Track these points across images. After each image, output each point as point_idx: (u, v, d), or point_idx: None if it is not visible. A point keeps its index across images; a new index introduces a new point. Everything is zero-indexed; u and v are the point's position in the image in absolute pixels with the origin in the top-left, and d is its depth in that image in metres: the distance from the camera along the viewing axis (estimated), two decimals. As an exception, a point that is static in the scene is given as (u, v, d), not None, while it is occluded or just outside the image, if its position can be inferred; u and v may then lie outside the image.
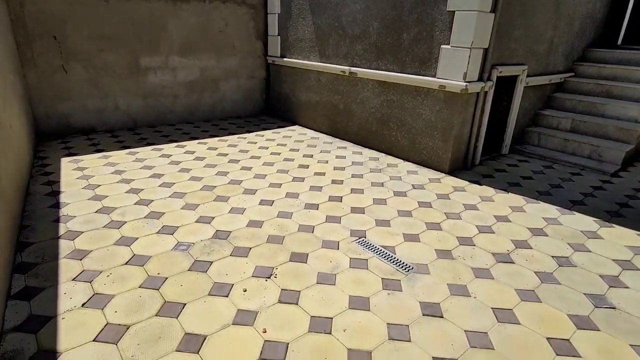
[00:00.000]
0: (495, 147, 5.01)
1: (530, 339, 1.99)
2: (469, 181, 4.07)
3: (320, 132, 5.80)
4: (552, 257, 2.74)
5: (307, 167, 4.36)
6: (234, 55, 6.21)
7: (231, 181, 3.87)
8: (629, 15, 6.09)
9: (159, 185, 3.69)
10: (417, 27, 4.19)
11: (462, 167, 4.43)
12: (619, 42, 6.15)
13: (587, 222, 3.24)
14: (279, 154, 4.78)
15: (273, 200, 3.47)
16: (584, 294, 2.35)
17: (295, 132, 5.78)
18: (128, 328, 1.96)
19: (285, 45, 6.11)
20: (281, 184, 3.86)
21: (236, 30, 6.11)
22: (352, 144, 5.28)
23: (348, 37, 5.01)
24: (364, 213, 3.31)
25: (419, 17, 4.15)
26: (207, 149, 4.85)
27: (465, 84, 3.85)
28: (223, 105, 6.37)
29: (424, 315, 2.13)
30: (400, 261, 2.63)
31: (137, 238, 2.78)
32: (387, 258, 2.66)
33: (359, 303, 2.21)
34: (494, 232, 3.05)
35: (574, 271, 2.57)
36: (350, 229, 3.04)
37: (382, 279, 2.44)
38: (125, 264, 2.48)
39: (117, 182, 3.71)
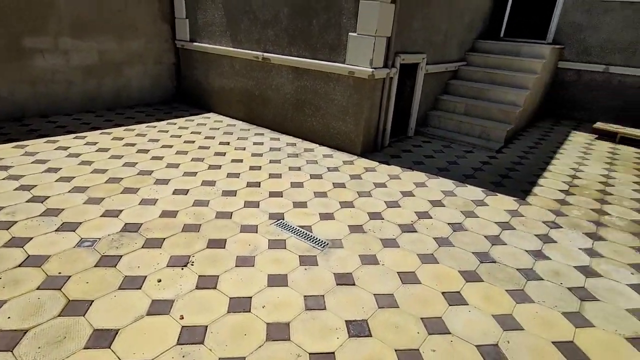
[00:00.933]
0: (402, 130, 5.42)
1: (429, 294, 2.26)
2: (379, 162, 4.37)
3: (237, 119, 5.71)
4: (448, 224, 3.10)
5: (223, 154, 4.29)
6: (137, 38, 5.77)
7: (140, 172, 3.66)
8: (509, 10, 6.95)
9: (56, 181, 3.35)
10: (326, 13, 4.32)
11: (373, 149, 4.73)
12: (502, 34, 7.00)
13: (476, 193, 3.72)
14: (193, 142, 4.62)
15: (188, 190, 3.38)
16: (472, 252, 2.72)
17: (211, 120, 5.61)
18: (25, 332, 1.80)
19: (194, 29, 5.85)
20: (196, 172, 3.76)
21: (138, 10, 5.67)
22: (269, 130, 5.30)
23: (259, 22, 4.97)
24: (282, 197, 3.39)
25: (328, 4, 4.28)
26: (112, 139, 4.49)
27: (372, 70, 4.10)
28: (129, 92, 5.91)
29: (337, 284, 2.29)
30: (317, 238, 2.77)
31: (32, 238, 2.51)
32: (304, 237, 2.78)
33: (278, 280, 2.29)
34: (400, 206, 3.35)
35: (465, 234, 2.95)
36: (268, 212, 3.10)
37: (299, 256, 2.55)
38: (19, 266, 2.24)
39: (2, 180, 3.29)
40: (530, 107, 6.06)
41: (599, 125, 5.91)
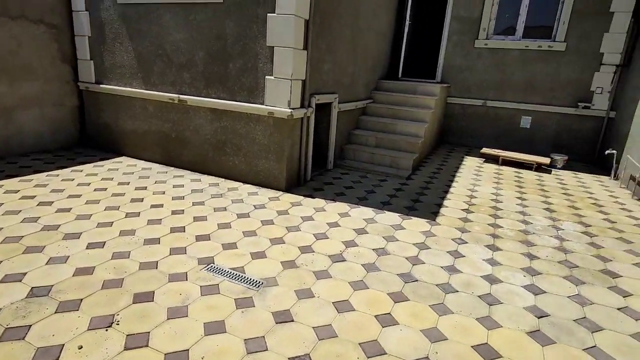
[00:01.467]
0: (322, 164, 5.71)
1: (363, 319, 2.40)
2: (304, 196, 4.54)
3: (153, 162, 5.47)
4: (373, 249, 3.34)
5: (141, 200, 4.08)
6: (33, 80, 5.30)
7: (45, 227, 3.30)
8: (403, 55, 7.89)
9: None
10: (242, 58, 4.49)
11: (296, 183, 4.90)
12: (400, 75, 7.89)
13: (394, 218, 4.06)
14: (105, 189, 4.31)
15: (104, 242, 3.14)
16: (397, 274, 2.96)
17: (123, 164, 5.29)
18: None
19: (101, 71, 5.57)
20: (112, 222, 3.51)
21: (34, 51, 5.24)
22: (189, 171, 5.17)
23: (174, 65, 4.95)
24: (210, 240, 3.32)
25: (243, 49, 4.46)
26: (5, 192, 3.98)
27: (290, 110, 4.33)
28: (22, 138, 5.32)
29: (277, 323, 2.32)
30: (251, 279, 2.77)
31: None
32: (238, 278, 2.76)
33: (215, 327, 2.24)
34: (328, 237, 3.51)
35: (389, 258, 3.21)
36: (197, 257, 3.01)
37: (234, 299, 2.52)
38: None
39: None
40: (429, 137, 6.85)
41: (485, 150, 6.90)
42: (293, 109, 4.38)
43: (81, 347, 2.02)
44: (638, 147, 5.51)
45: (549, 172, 6.43)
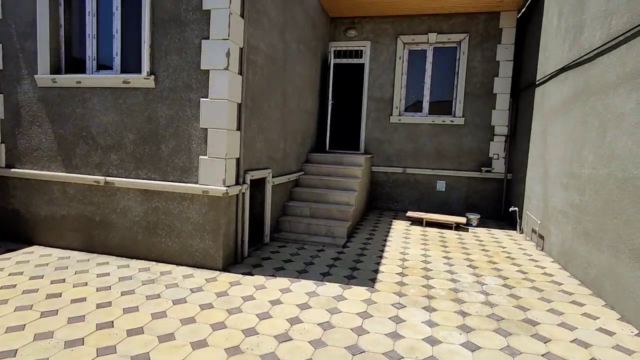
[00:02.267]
0: (258, 238, 5.69)
1: (316, 402, 2.34)
2: (243, 274, 4.44)
3: (72, 249, 5.00)
4: (318, 324, 3.33)
5: (59, 295, 3.66)
6: None
7: None
8: (330, 130, 8.55)
9: None
10: (175, 140, 4.55)
11: (234, 261, 4.80)
12: (327, 148, 8.46)
13: (335, 289, 4.13)
14: (14, 286, 3.81)
15: (16, 350, 2.73)
16: (344, 347, 2.97)
17: (35, 255, 4.75)
18: None
19: (13, 155, 5.17)
20: (25, 324, 3.08)
21: None
22: (116, 257, 4.80)
23: (100, 147, 4.82)
24: (143, 333, 3.06)
25: (176, 131, 4.54)
26: None
27: (225, 188, 4.38)
28: None
29: (226, 420, 2.16)
30: (193, 373, 2.58)
31: None
32: (179, 374, 2.56)
33: None
34: (271, 316, 3.44)
35: (335, 331, 3.22)
36: (130, 356, 2.74)
37: (177, 399, 2.31)
38: None
39: None
40: (360, 205, 7.27)
41: (410, 214, 7.47)
42: (228, 186, 4.45)
43: None
44: (533, 204, 6.43)
45: (467, 230, 7.11)
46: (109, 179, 4.77)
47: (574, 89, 5.08)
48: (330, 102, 8.36)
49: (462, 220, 7.15)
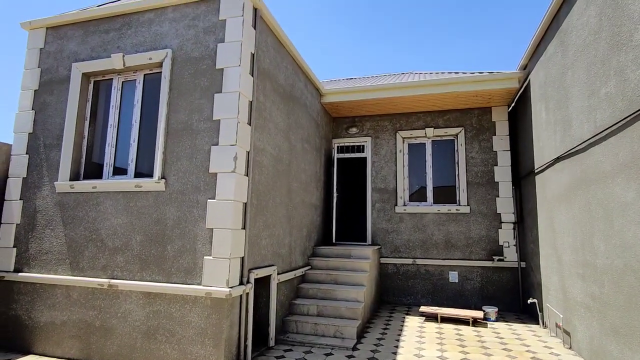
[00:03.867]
0: (263, 341, 5.38)
1: None
2: (244, 385, 4.11)
3: (67, 358, 4.75)
4: None
5: (45, 416, 3.38)
6: None
7: None
8: (335, 222, 8.60)
9: None
10: (181, 240, 4.61)
11: (236, 370, 4.48)
12: (334, 240, 8.42)
13: (344, 401, 3.76)
14: (-1, 406, 3.55)
15: None
16: None
17: (28, 367, 4.51)
18: None
19: (23, 258, 5.25)
20: None
21: (-54, 243, 4.90)
22: (110, 367, 4.53)
23: (108, 249, 4.88)
24: None
25: (182, 232, 4.62)
26: None
27: (228, 289, 4.29)
28: None
29: None
30: None
31: None
32: None
33: None
34: None
35: None
36: None
37: None
38: None
39: None
40: (369, 300, 6.96)
41: (423, 309, 7.09)
42: (231, 287, 4.36)
43: None
44: (553, 295, 6.10)
45: (485, 325, 6.65)
46: (112, 281, 4.74)
47: (573, 177, 5.17)
48: (335, 195, 8.56)
49: (480, 314, 6.73)
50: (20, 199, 5.39)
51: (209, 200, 4.56)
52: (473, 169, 8.32)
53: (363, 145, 9.15)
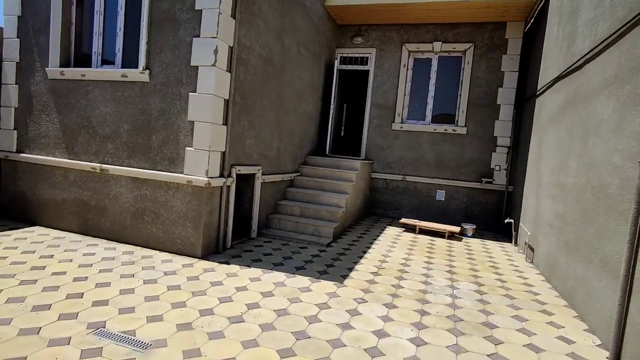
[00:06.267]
0: (246, 232, 5.85)
1: (245, 375, 2.43)
2: (219, 262, 4.60)
3: (68, 231, 5.32)
4: (274, 310, 3.42)
5: (43, 268, 3.92)
6: (-55, 147, 5.19)
7: None
8: (331, 135, 8.67)
9: None
10: (165, 131, 4.80)
11: (214, 251, 4.96)
12: (327, 152, 8.57)
13: (304, 281, 4.21)
14: (5, 258, 4.10)
15: (-15, 309, 2.97)
16: (291, 332, 3.05)
17: (34, 234, 5.09)
18: None
19: (24, 141, 5.59)
20: (1, 290, 3.34)
21: (-49, 120, 5.22)
22: (105, 240, 5.08)
23: (99, 136, 5.14)
24: (107, 305, 3.25)
25: (166, 123, 4.79)
26: None
27: (207, 179, 4.57)
28: None
29: (153, 382, 2.29)
30: (138, 341, 2.73)
31: None
32: (125, 341, 2.71)
33: (84, 390, 2.17)
34: (232, 301, 3.56)
35: (288, 318, 3.30)
36: (87, 322, 2.93)
37: (115, 361, 2.47)
38: None
39: None
40: (352, 208, 7.31)
41: (404, 220, 7.45)
42: (211, 177, 4.64)
43: None
44: (528, 216, 6.29)
45: (460, 239, 7.01)
46: (104, 166, 5.07)
47: (566, 98, 5.00)
48: (332, 107, 8.50)
49: (457, 229, 7.06)
50: (16, 84, 5.56)
51: (190, 93, 4.64)
52: (476, 89, 8.04)
53: (367, 57, 8.80)
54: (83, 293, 3.43)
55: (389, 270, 4.85)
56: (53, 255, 4.33)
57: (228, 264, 4.59)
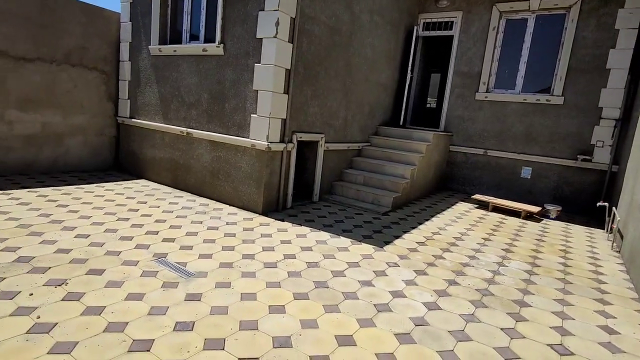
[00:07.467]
0: (308, 196, 6.26)
1: (257, 307, 2.83)
2: (275, 219, 5.09)
3: (163, 184, 6.40)
4: (306, 262, 3.76)
5: (136, 210, 4.89)
6: (82, 114, 6.61)
7: (51, 221, 4.17)
8: (407, 105, 8.46)
9: (-32, 225, 3.80)
10: (235, 99, 5.37)
11: (274, 209, 5.48)
12: (402, 123, 8.41)
13: (345, 242, 4.45)
14: (113, 200, 5.21)
15: (89, 235, 3.91)
16: (313, 281, 3.35)
17: (139, 185, 6.26)
18: None
19: (134, 108, 6.78)
20: (104, 222, 4.31)
21: (86, 91, 6.60)
22: (189, 194, 5.99)
23: (186, 104, 5.97)
24: (173, 242, 3.97)
25: (236, 92, 5.35)
26: (37, 196, 5.01)
27: (267, 143, 5.03)
28: (67, 159, 6.55)
29: (185, 300, 2.83)
30: (186, 270, 3.33)
31: None
32: (176, 269, 3.34)
33: (135, 296, 2.81)
34: (274, 251, 4.00)
35: (315, 270, 3.60)
36: (154, 252, 3.65)
37: (163, 282, 3.09)
38: None
39: None
40: (422, 180, 7.16)
41: (477, 196, 7.03)
42: (271, 142, 5.08)
43: (32, 294, 2.69)
44: (625, 200, 5.42)
45: (538, 221, 6.38)
46: (189, 130, 5.92)
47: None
48: (409, 76, 8.23)
49: (536, 209, 6.42)
50: (129, 60, 6.72)
51: (255, 64, 5.08)
52: (580, 52, 6.95)
53: (452, 22, 8.22)
54: (158, 231, 4.22)
55: (438, 242, 4.77)
56: (146, 202, 5.32)
57: (283, 221, 5.05)
